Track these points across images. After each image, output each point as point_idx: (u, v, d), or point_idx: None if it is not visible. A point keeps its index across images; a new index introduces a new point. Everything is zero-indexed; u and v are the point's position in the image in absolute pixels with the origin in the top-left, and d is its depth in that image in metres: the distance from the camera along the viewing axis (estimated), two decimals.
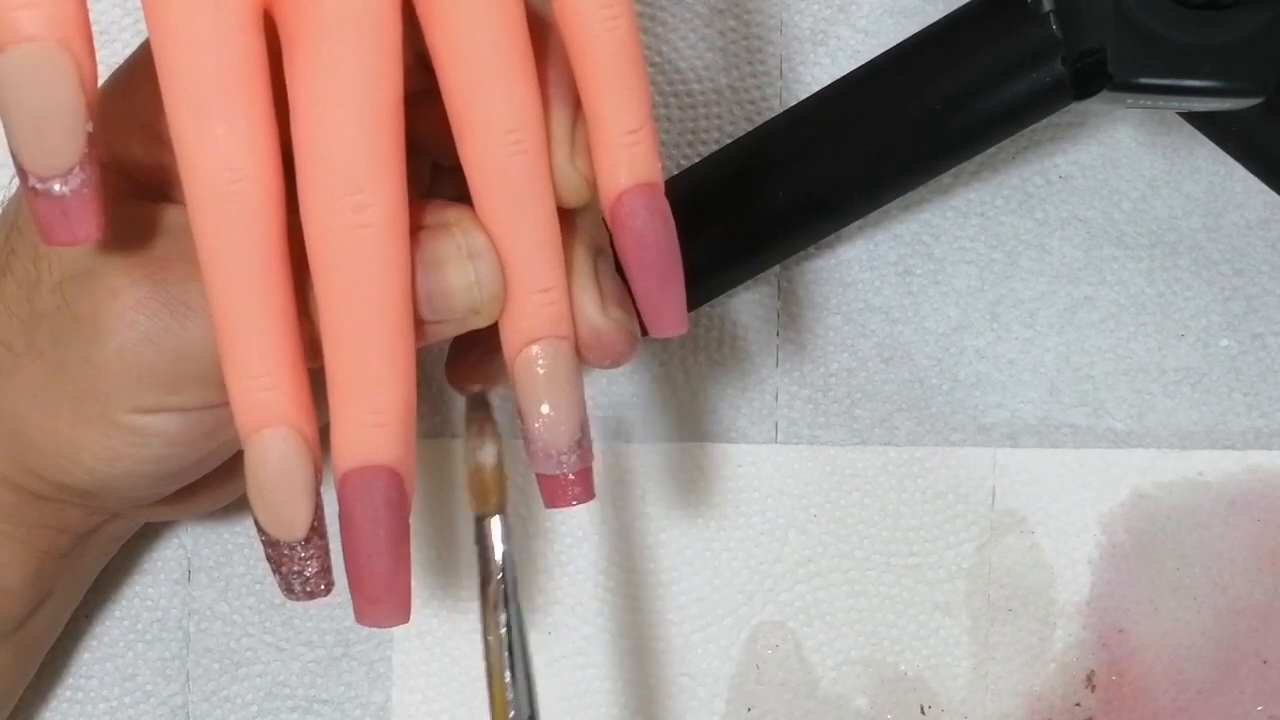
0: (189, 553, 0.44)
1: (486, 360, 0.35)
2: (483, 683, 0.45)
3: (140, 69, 0.34)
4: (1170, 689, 0.45)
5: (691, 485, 0.45)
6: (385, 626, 0.31)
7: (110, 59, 0.41)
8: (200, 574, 0.44)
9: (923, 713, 0.45)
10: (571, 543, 0.45)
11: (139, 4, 0.43)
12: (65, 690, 0.44)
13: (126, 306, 0.32)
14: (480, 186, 0.31)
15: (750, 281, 0.44)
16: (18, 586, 0.38)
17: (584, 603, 0.45)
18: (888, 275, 0.45)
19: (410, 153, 0.31)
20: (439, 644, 0.45)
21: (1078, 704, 0.45)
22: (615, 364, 0.34)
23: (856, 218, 0.43)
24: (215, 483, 0.38)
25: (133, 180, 0.34)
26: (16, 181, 0.36)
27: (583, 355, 0.33)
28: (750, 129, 0.43)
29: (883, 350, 0.45)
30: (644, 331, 0.34)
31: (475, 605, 0.45)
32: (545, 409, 0.32)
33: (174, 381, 0.33)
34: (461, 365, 0.36)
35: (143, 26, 0.43)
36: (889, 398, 0.45)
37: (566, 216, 0.33)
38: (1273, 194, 0.43)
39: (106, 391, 0.33)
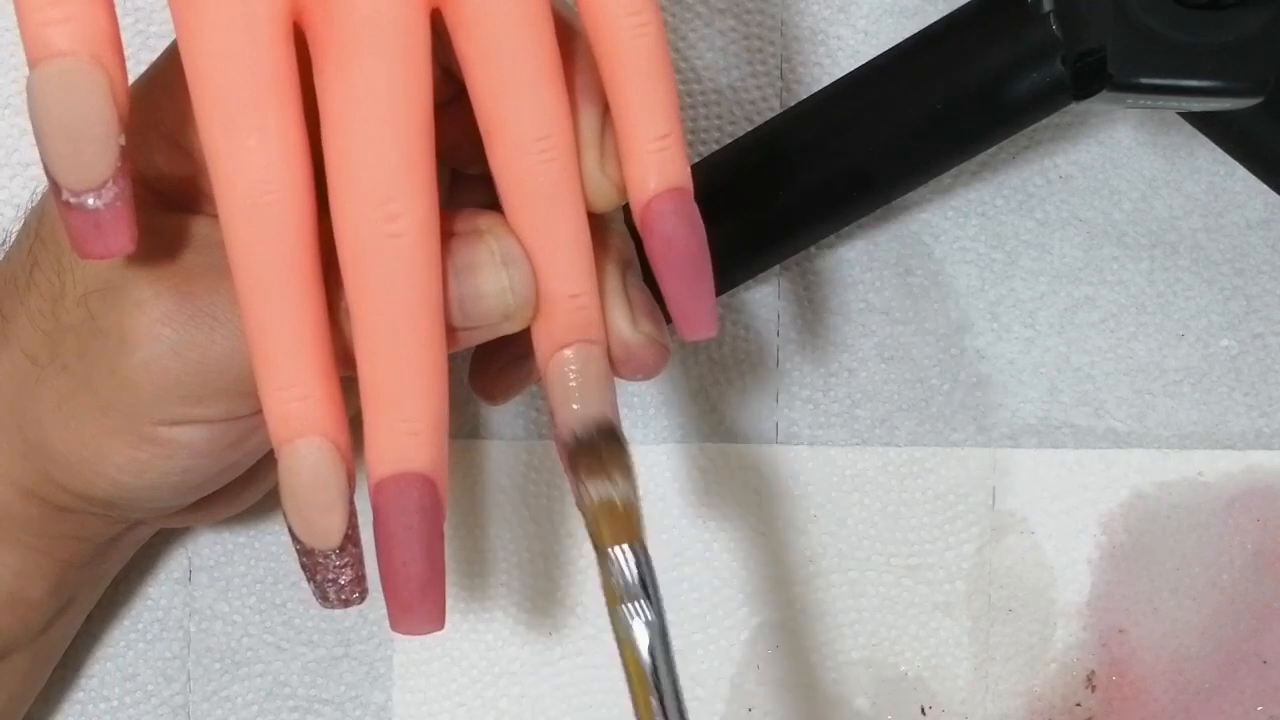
0: (190, 552, 0.44)
1: (511, 368, 0.36)
2: (483, 683, 0.45)
3: (160, 79, 0.34)
4: (1170, 689, 0.45)
5: (691, 485, 0.45)
6: (420, 633, 0.31)
7: None
8: (201, 574, 0.44)
9: (923, 713, 0.45)
10: (572, 543, 0.45)
11: (141, 4, 0.44)
12: (66, 690, 0.44)
13: (153, 319, 0.32)
14: (511, 193, 0.31)
15: (750, 281, 0.44)
16: (40, 597, 0.38)
17: (584, 603, 0.45)
18: (888, 275, 0.45)
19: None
20: (439, 644, 0.45)
21: (1078, 704, 0.45)
22: (647, 376, 0.34)
23: (857, 217, 0.43)
24: (234, 490, 0.38)
25: (154, 190, 0.34)
26: (38, 191, 0.36)
27: (613, 368, 0.33)
28: (750, 129, 0.43)
29: (883, 350, 0.45)
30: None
31: (478, 606, 0.45)
32: (577, 411, 0.32)
33: (200, 394, 0.33)
34: (485, 374, 0.36)
35: (142, 27, 0.44)
36: (889, 398, 0.45)
37: (595, 229, 0.33)
38: (1273, 194, 0.43)
39: (133, 404, 0.33)
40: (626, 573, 0.32)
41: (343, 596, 0.32)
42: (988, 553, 0.45)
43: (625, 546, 0.32)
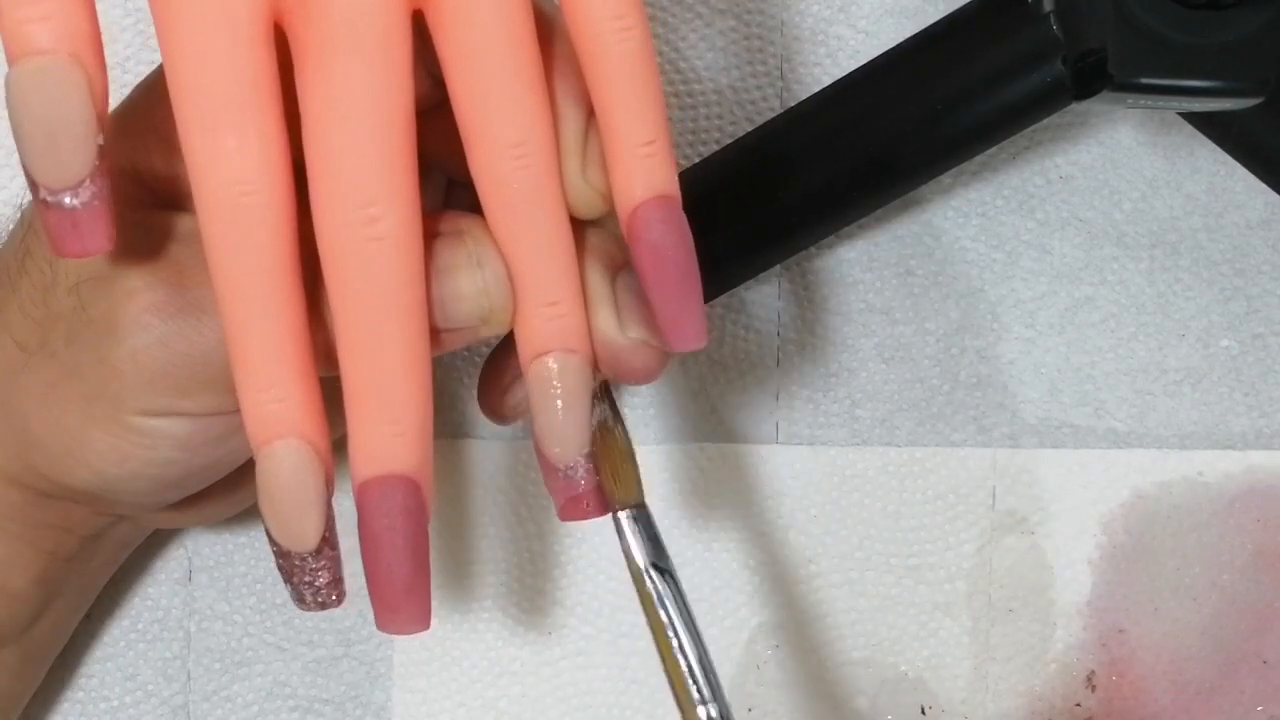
0: (190, 553, 0.44)
1: (517, 387, 0.35)
2: (483, 683, 0.45)
3: (161, 84, 0.34)
4: (1170, 689, 0.45)
5: (691, 486, 0.45)
6: (405, 634, 0.31)
7: (112, 59, 0.41)
8: (201, 574, 0.44)
9: (923, 713, 0.45)
10: (571, 543, 0.45)
11: (141, 4, 0.44)
12: (66, 690, 0.44)
13: (142, 309, 0.32)
14: (489, 199, 0.31)
15: (750, 281, 0.44)
16: (24, 588, 0.38)
17: (584, 603, 0.45)
18: (888, 275, 0.45)
19: (424, 168, 0.31)
20: (439, 644, 0.45)
21: (1078, 704, 0.45)
22: (642, 381, 0.34)
23: (857, 218, 0.43)
24: (223, 492, 0.38)
25: (150, 190, 0.34)
26: None
27: (605, 373, 0.33)
28: (750, 129, 0.43)
29: (883, 350, 0.45)
30: None
31: (477, 606, 0.45)
32: (554, 420, 0.32)
33: (185, 385, 0.33)
34: (492, 393, 0.36)
35: (143, 27, 0.44)
36: (889, 398, 0.45)
37: (583, 233, 0.33)
38: (1273, 194, 0.43)
39: (118, 393, 0.33)
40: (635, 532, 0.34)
41: (319, 599, 0.32)
42: (988, 553, 0.45)
43: (629, 510, 0.34)
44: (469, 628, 0.45)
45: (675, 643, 0.34)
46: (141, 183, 0.34)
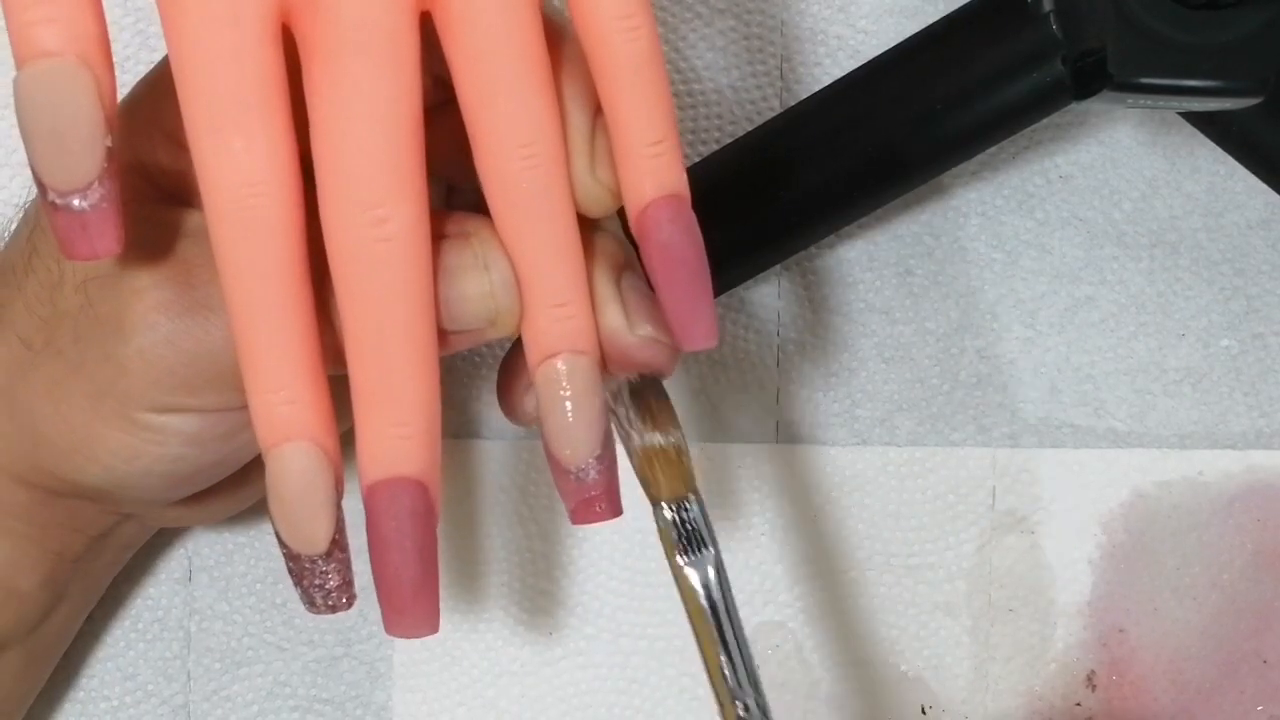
0: (190, 552, 0.44)
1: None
2: (483, 683, 0.45)
3: (166, 78, 0.34)
4: (1170, 689, 0.45)
5: None
6: (413, 636, 0.31)
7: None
8: (201, 574, 0.44)
9: (923, 713, 0.45)
10: (572, 543, 0.45)
11: (141, 4, 0.44)
12: (66, 689, 0.44)
13: (149, 307, 0.32)
14: (496, 199, 0.31)
15: (750, 281, 0.44)
16: (31, 589, 0.38)
17: (585, 603, 0.45)
18: (888, 275, 0.45)
19: (428, 170, 0.31)
20: (440, 644, 0.45)
21: (1078, 704, 0.45)
22: (656, 378, 0.34)
23: (857, 217, 0.43)
24: (230, 489, 0.38)
25: (157, 185, 0.34)
26: None
27: (615, 372, 0.33)
28: (750, 129, 0.43)
29: (883, 350, 0.45)
30: None
31: (478, 606, 0.45)
32: (563, 422, 0.32)
33: (193, 383, 0.33)
34: (511, 394, 0.36)
35: (143, 27, 0.44)
36: (889, 398, 0.45)
37: (589, 233, 0.33)
38: (1273, 194, 0.43)
39: (126, 390, 0.33)
40: (687, 524, 0.33)
41: (329, 602, 0.32)
42: (988, 552, 0.45)
43: (681, 499, 0.33)
44: (470, 628, 0.45)
45: (714, 634, 0.33)
46: (147, 177, 0.34)
